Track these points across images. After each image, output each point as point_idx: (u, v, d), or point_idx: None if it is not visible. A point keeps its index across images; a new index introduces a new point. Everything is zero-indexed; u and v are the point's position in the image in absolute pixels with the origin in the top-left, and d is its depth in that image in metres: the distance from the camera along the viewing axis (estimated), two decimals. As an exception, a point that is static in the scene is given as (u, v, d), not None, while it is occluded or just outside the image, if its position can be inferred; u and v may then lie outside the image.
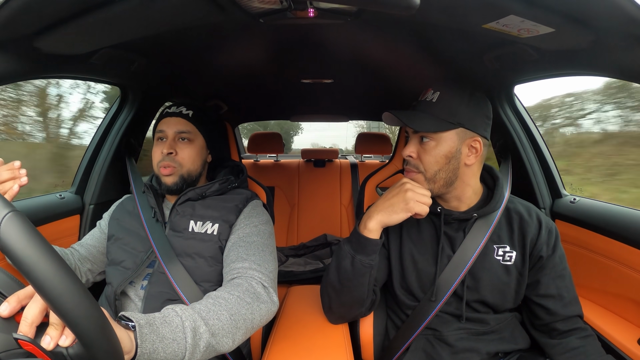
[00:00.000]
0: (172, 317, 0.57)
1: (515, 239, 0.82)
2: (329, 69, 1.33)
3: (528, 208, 0.85)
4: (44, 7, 0.61)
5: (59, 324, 0.41)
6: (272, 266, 0.82)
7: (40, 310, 0.42)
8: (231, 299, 0.68)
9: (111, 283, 0.87)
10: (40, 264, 0.34)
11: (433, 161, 0.77)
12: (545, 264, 0.80)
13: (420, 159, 0.79)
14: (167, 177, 0.90)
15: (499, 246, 0.81)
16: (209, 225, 0.87)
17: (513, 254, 0.81)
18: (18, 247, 0.34)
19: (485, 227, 0.81)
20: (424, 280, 0.82)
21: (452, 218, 0.82)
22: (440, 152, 0.77)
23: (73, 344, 0.41)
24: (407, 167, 0.81)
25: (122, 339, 0.45)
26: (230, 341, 0.64)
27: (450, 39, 0.89)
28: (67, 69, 0.89)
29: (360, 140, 2.22)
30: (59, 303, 0.35)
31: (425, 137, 0.77)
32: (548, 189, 1.15)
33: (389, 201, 0.75)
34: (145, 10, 0.67)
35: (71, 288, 0.36)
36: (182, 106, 0.96)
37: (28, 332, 0.41)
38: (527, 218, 0.82)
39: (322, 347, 0.79)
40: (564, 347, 0.78)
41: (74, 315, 0.36)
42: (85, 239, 0.98)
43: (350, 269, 0.76)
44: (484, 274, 0.80)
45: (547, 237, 0.80)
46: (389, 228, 0.84)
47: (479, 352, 0.80)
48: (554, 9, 0.60)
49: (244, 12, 0.77)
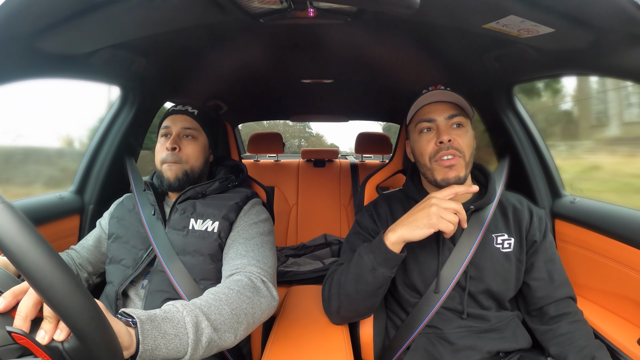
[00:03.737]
0: (173, 313, 0.57)
1: (512, 227, 0.86)
2: (329, 69, 1.33)
3: (519, 199, 0.91)
4: (44, 7, 0.61)
5: (53, 318, 0.41)
6: (271, 262, 0.83)
7: (34, 304, 0.41)
8: (231, 294, 0.67)
9: (112, 282, 0.87)
10: (30, 254, 0.34)
11: (469, 144, 0.81)
12: (538, 249, 0.85)
13: (457, 142, 0.79)
14: (170, 174, 0.90)
15: (497, 235, 0.85)
16: (209, 223, 0.88)
17: (512, 241, 0.84)
18: (7, 236, 0.34)
19: (482, 218, 0.84)
20: (427, 275, 0.83)
21: None
22: (471, 137, 0.82)
23: (68, 337, 0.41)
24: (445, 152, 0.79)
25: (121, 333, 0.45)
26: (233, 336, 0.63)
27: (450, 39, 0.90)
28: (67, 69, 0.89)
29: (360, 140, 2.22)
30: (50, 293, 0.35)
31: (459, 123, 0.81)
32: (548, 189, 1.15)
33: (413, 216, 0.74)
34: (145, 10, 0.67)
35: (62, 278, 0.35)
36: (188, 105, 0.98)
37: (22, 326, 0.40)
38: (519, 207, 0.88)
39: (322, 347, 0.79)
40: (554, 334, 0.80)
41: (65, 305, 0.36)
42: (85, 240, 0.98)
43: (371, 281, 0.76)
44: (486, 263, 0.82)
45: (538, 223, 0.86)
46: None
47: (480, 351, 0.80)
48: (554, 9, 0.60)
49: (244, 12, 0.77)
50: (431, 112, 0.82)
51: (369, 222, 0.92)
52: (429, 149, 0.81)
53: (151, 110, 1.35)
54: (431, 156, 0.81)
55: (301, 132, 10.73)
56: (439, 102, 0.83)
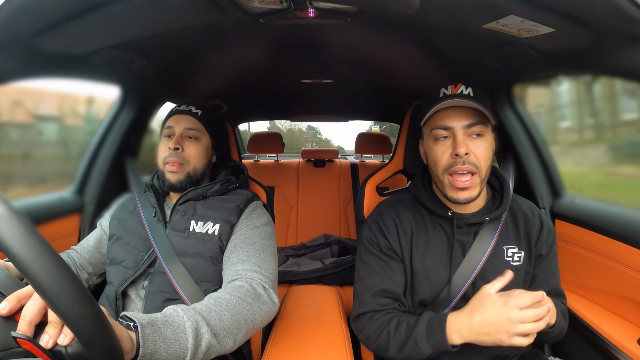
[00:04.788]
0: (174, 318, 0.57)
1: (522, 239, 0.82)
2: (329, 69, 1.33)
3: (531, 207, 0.86)
4: (43, 7, 0.61)
5: (57, 323, 0.41)
6: (272, 267, 0.82)
7: (39, 309, 0.42)
8: (232, 299, 0.68)
9: (112, 283, 0.87)
10: (38, 262, 0.34)
11: (487, 157, 0.73)
12: (542, 262, 0.83)
13: (474, 155, 0.72)
14: (172, 174, 0.90)
15: (509, 247, 0.82)
16: (210, 225, 0.87)
17: (521, 254, 0.81)
18: (15, 245, 0.34)
19: (494, 229, 0.81)
20: (436, 289, 0.81)
21: (465, 222, 0.80)
22: (490, 147, 0.74)
23: (72, 342, 0.41)
24: (459, 167, 0.72)
25: (123, 338, 0.45)
26: (232, 342, 0.64)
27: (450, 39, 0.89)
28: (67, 69, 0.89)
29: (360, 140, 2.22)
30: (57, 301, 0.35)
31: (479, 132, 0.73)
32: (548, 189, 1.15)
33: (486, 321, 0.64)
34: (145, 10, 0.67)
35: (69, 286, 0.36)
36: (192, 105, 0.97)
37: (27, 331, 0.40)
38: (530, 217, 0.84)
39: (322, 347, 0.79)
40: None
41: (72, 313, 0.36)
42: (86, 240, 0.98)
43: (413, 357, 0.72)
44: (495, 276, 0.78)
45: (546, 236, 0.82)
46: (402, 239, 0.82)
47: (481, 354, 0.80)
48: (554, 9, 0.60)
49: (243, 12, 0.77)
50: (448, 118, 0.74)
51: (379, 236, 0.84)
52: (444, 161, 0.75)
53: (151, 110, 1.35)
54: (445, 169, 0.75)
55: (313, 138, 11.63)
56: (458, 106, 0.75)
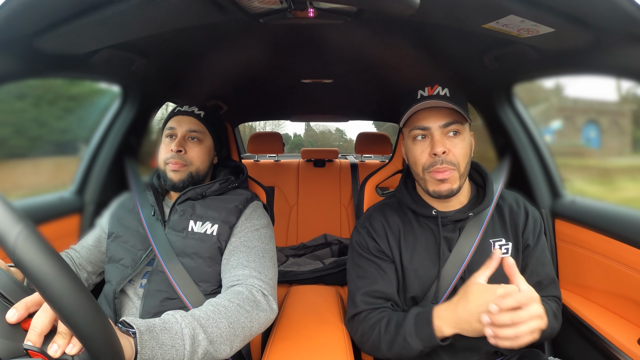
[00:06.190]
0: (172, 324, 0.58)
1: (509, 230, 0.84)
2: (329, 69, 1.33)
3: (516, 198, 0.89)
4: (43, 7, 0.61)
5: (67, 333, 0.42)
6: (272, 273, 0.83)
7: (49, 320, 0.43)
8: (231, 307, 0.69)
9: (110, 281, 0.87)
10: (56, 282, 0.35)
11: (464, 154, 0.77)
12: (531, 253, 0.83)
13: (452, 154, 0.76)
14: (174, 173, 0.90)
15: (495, 240, 0.83)
16: (209, 225, 0.87)
17: (509, 246, 0.83)
18: (35, 264, 0.35)
19: (479, 223, 0.82)
20: (426, 285, 0.82)
21: (449, 220, 0.82)
22: (467, 144, 0.78)
23: (80, 352, 0.42)
24: (438, 167, 0.76)
25: (124, 346, 0.46)
26: (228, 349, 0.65)
27: (450, 39, 0.89)
28: (67, 69, 0.89)
29: (360, 140, 2.22)
30: (73, 319, 0.36)
31: (455, 130, 0.77)
32: (548, 189, 1.15)
33: (467, 310, 0.66)
34: (145, 10, 0.67)
35: (84, 303, 0.37)
36: (194, 106, 0.96)
37: (37, 342, 0.41)
38: (515, 208, 0.86)
39: (322, 347, 0.79)
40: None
41: (86, 330, 0.37)
42: (85, 239, 0.98)
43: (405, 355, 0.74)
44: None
45: (532, 226, 0.84)
46: (391, 240, 0.84)
47: (479, 352, 0.80)
48: (554, 9, 0.60)
49: (244, 12, 0.77)
50: (425, 119, 0.78)
51: (368, 240, 0.87)
52: (423, 160, 0.78)
53: (151, 110, 1.35)
54: (425, 167, 0.78)
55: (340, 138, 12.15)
56: (434, 107, 0.78)
